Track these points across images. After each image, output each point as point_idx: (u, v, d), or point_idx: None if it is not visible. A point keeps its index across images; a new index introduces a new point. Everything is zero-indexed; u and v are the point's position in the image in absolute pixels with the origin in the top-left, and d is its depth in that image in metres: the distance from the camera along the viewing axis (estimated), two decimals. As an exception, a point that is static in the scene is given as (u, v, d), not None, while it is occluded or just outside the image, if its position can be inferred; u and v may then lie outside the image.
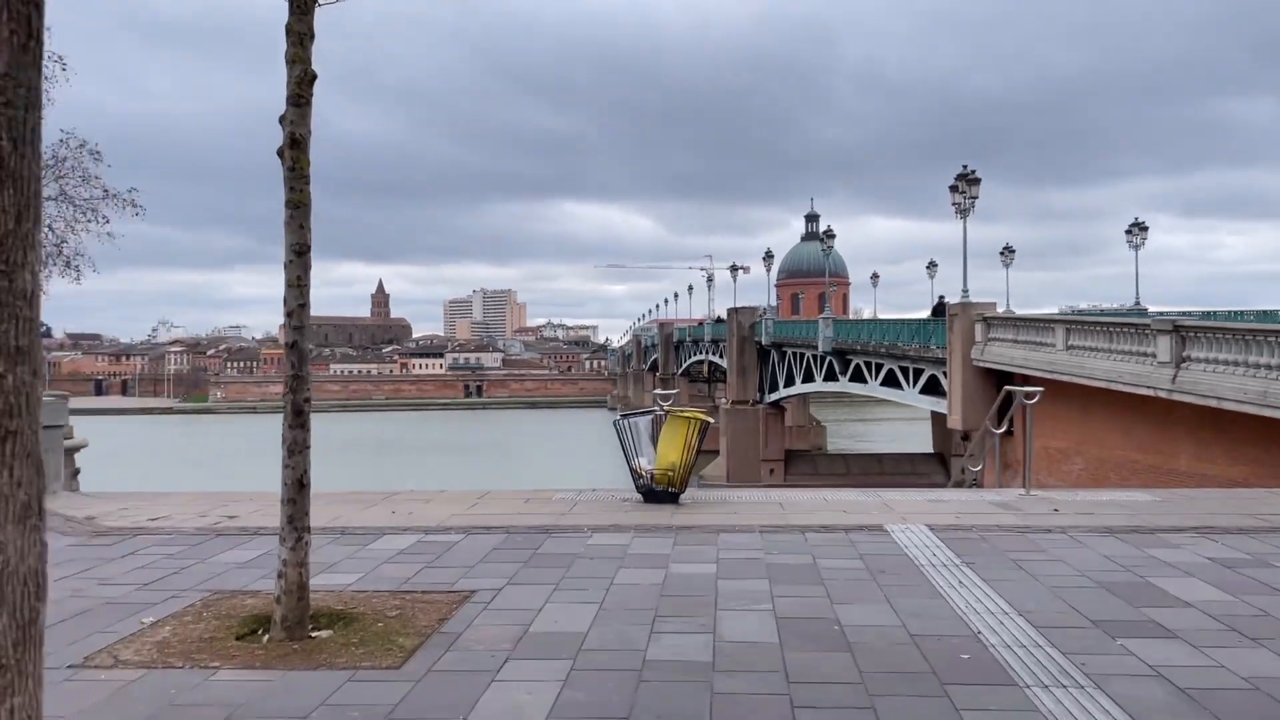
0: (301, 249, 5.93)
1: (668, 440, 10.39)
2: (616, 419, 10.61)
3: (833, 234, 50.38)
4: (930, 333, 36.22)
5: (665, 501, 10.29)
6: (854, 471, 64.04)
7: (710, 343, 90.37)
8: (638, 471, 10.46)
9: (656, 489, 10.36)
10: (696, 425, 10.32)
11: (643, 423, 10.54)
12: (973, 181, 31.87)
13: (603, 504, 10.37)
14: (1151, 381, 21.68)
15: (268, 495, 11.19)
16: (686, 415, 10.37)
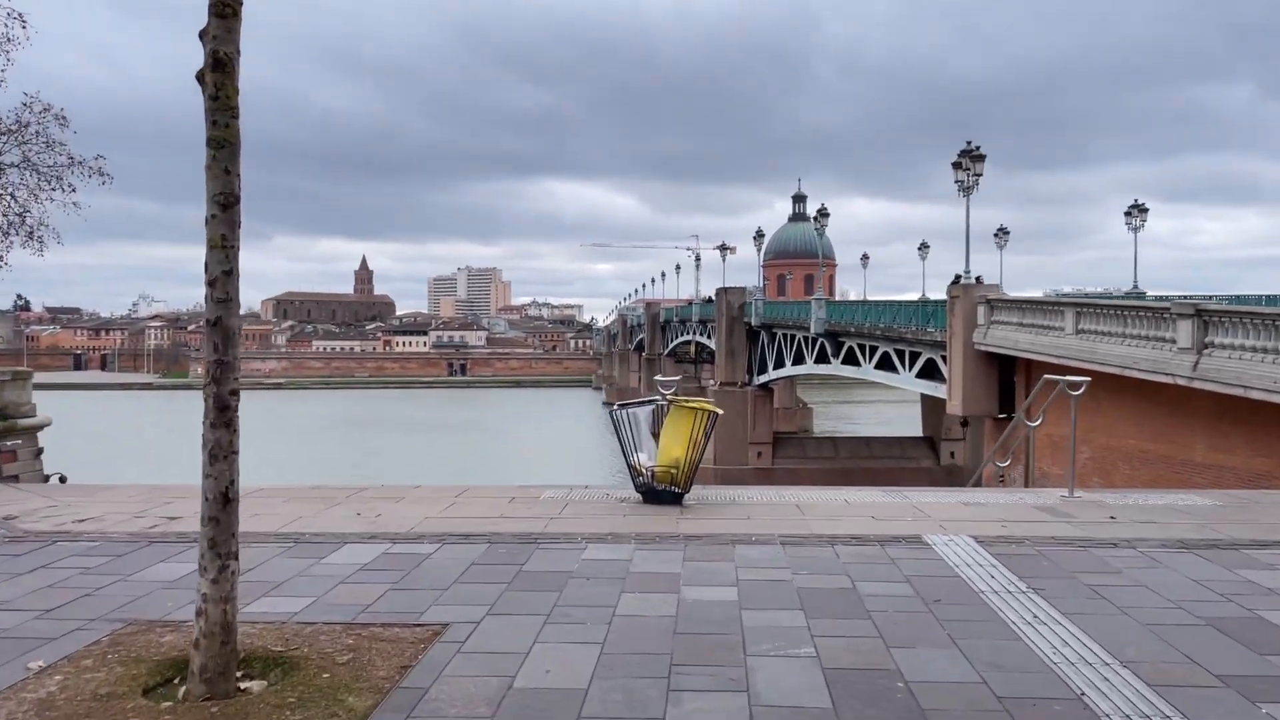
0: (228, 200, 4.67)
1: (671, 434, 9.19)
2: (614, 409, 9.39)
3: (826, 213, 49.20)
4: (929, 315, 35.14)
5: (668, 502, 9.10)
6: (842, 455, 63.15)
7: (698, 323, 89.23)
8: (637, 469, 9.26)
9: (658, 488, 9.17)
10: (704, 418, 9.12)
11: (643, 414, 9.33)
12: (977, 158, 30.68)
13: (597, 505, 9.17)
14: (1170, 368, 20.62)
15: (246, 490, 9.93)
16: (693, 406, 9.17)
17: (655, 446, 9.31)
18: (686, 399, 9.32)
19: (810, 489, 10.37)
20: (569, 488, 10.09)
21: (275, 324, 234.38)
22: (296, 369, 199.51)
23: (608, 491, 9.90)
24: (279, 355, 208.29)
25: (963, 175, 31.12)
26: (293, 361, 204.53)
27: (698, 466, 9.21)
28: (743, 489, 10.13)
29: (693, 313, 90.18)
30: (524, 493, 9.79)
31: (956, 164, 31.29)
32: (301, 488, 10.32)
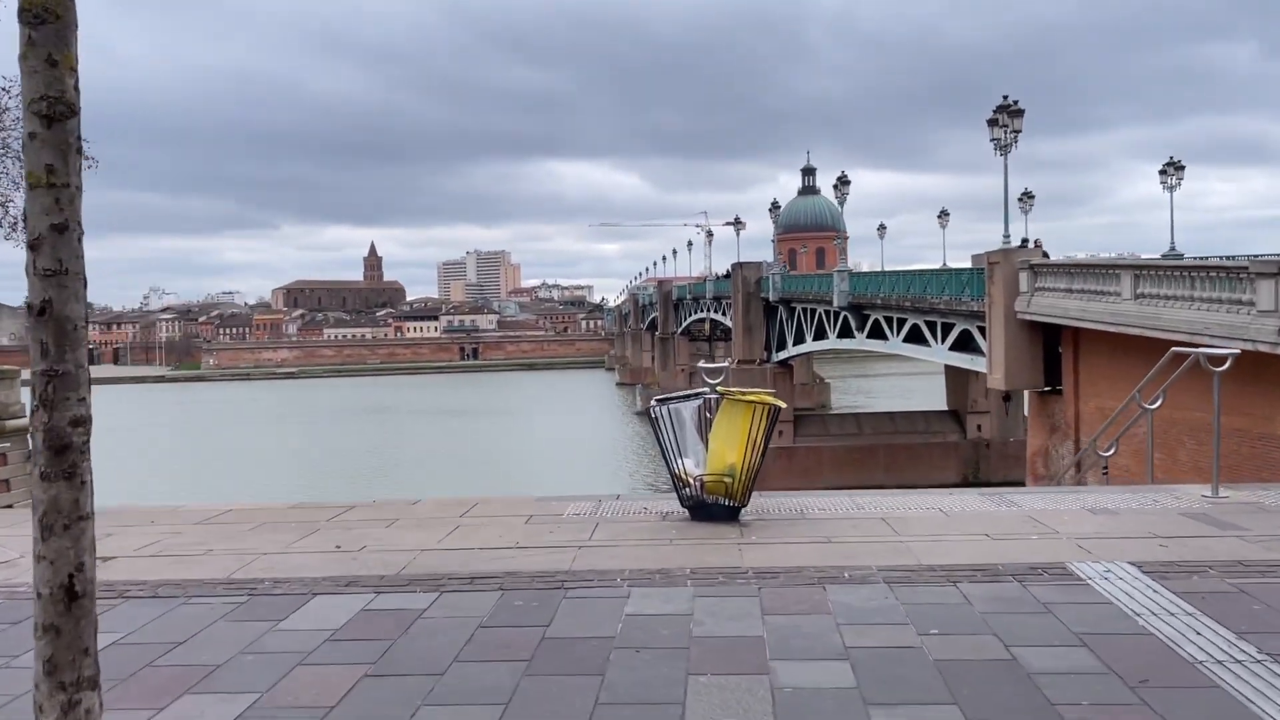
0: (55, 109, 2.88)
1: (724, 434, 7.41)
2: (652, 405, 7.59)
3: (847, 180, 47.07)
4: (964, 283, 33.15)
5: (721, 519, 7.33)
6: (866, 431, 61.43)
7: (712, 300, 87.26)
8: (682, 478, 7.48)
9: (708, 501, 7.40)
10: (764, 413, 7.32)
11: (687, 410, 7.52)
12: (1015, 113, 28.58)
13: (634, 525, 7.41)
14: (1250, 334, 18.67)
15: (193, 512, 8.22)
16: (749, 399, 7.37)
17: (704, 450, 7.52)
18: (741, 390, 7.51)
19: (890, 495, 8.55)
20: (597, 500, 8.33)
21: (286, 313, 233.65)
22: (308, 357, 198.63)
23: (645, 505, 8.13)
24: (290, 344, 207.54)
25: (999, 133, 29.04)
26: (304, 350, 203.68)
27: (757, 473, 7.42)
28: (809, 496, 8.33)
29: (707, 290, 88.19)
30: (543, 508, 8.04)
31: (993, 120, 29.21)
32: (277, 508, 8.59)
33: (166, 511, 8.43)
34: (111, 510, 8.93)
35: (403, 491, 55.98)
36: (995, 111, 28.86)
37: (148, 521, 7.95)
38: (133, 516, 8.20)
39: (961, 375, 59.17)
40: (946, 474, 59.43)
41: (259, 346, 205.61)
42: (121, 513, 8.47)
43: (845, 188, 47.02)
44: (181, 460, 72.30)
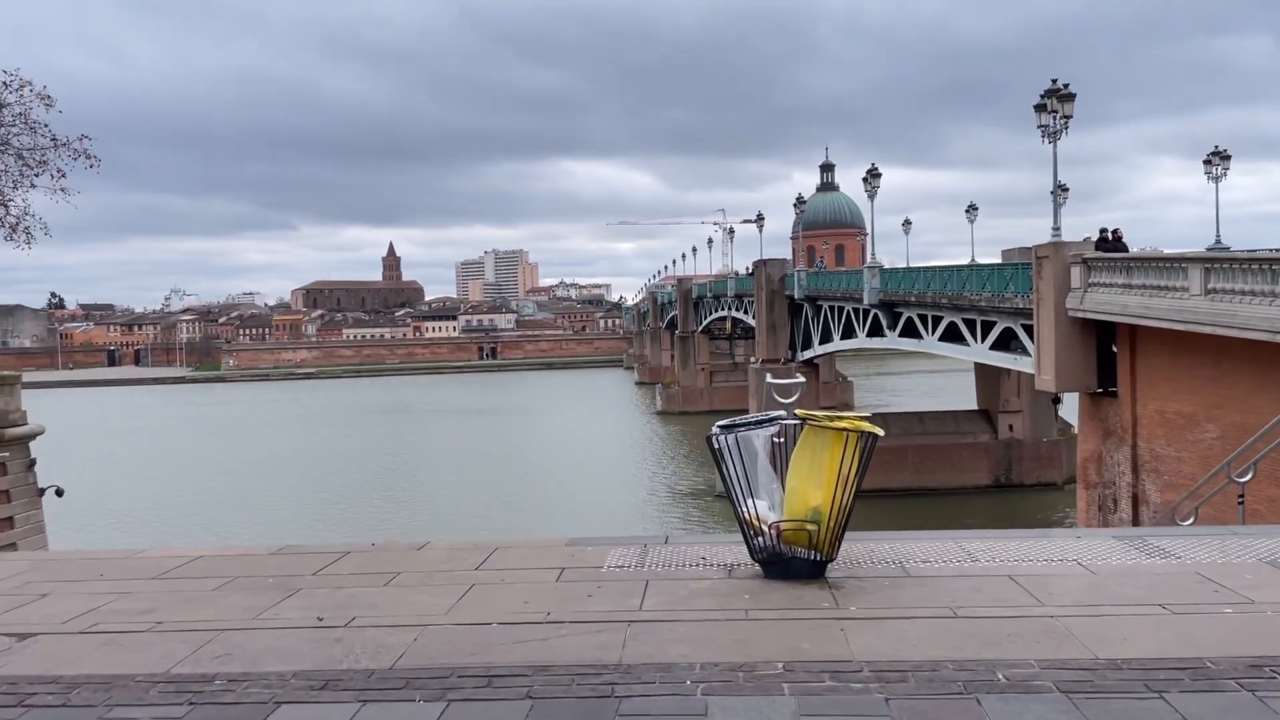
0: None
1: (805, 470, 5.88)
2: (715, 433, 6.04)
3: (878, 173, 45.27)
4: (1007, 279, 31.41)
5: (803, 576, 5.80)
6: (894, 432, 59.39)
7: (733, 298, 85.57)
8: (753, 524, 5.94)
9: (786, 554, 5.87)
10: (856, 444, 5.78)
11: (759, 439, 5.97)
12: (1065, 98, 26.79)
13: (693, 581, 5.88)
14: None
15: (153, 562, 6.78)
16: (839, 425, 5.82)
17: (780, 490, 5.99)
18: (828, 415, 5.96)
19: (1002, 538, 6.95)
20: (642, 545, 6.80)
21: (306, 313, 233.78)
22: (327, 357, 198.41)
23: (702, 553, 6.59)
24: (309, 345, 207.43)
25: (1048, 118, 27.26)
26: (323, 350, 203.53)
27: (849, 518, 5.89)
28: (903, 540, 6.78)
29: (728, 287, 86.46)
30: (577, 556, 6.53)
31: (1040, 106, 27.42)
32: (257, 554, 7.12)
33: (121, 560, 6.99)
34: (60, 558, 7.52)
35: (418, 498, 54.82)
36: (1043, 96, 27.06)
37: (96, 575, 6.50)
38: (80, 568, 6.76)
39: (992, 373, 57.27)
40: (977, 475, 57.58)
41: (278, 347, 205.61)
42: (70, 561, 7.03)
43: (875, 181, 45.25)
44: (194, 464, 71.40)
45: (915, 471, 57.33)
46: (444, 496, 55.17)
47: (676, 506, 51.71)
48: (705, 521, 48.02)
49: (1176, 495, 24.53)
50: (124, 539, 44.11)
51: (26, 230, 27.13)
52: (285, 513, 50.74)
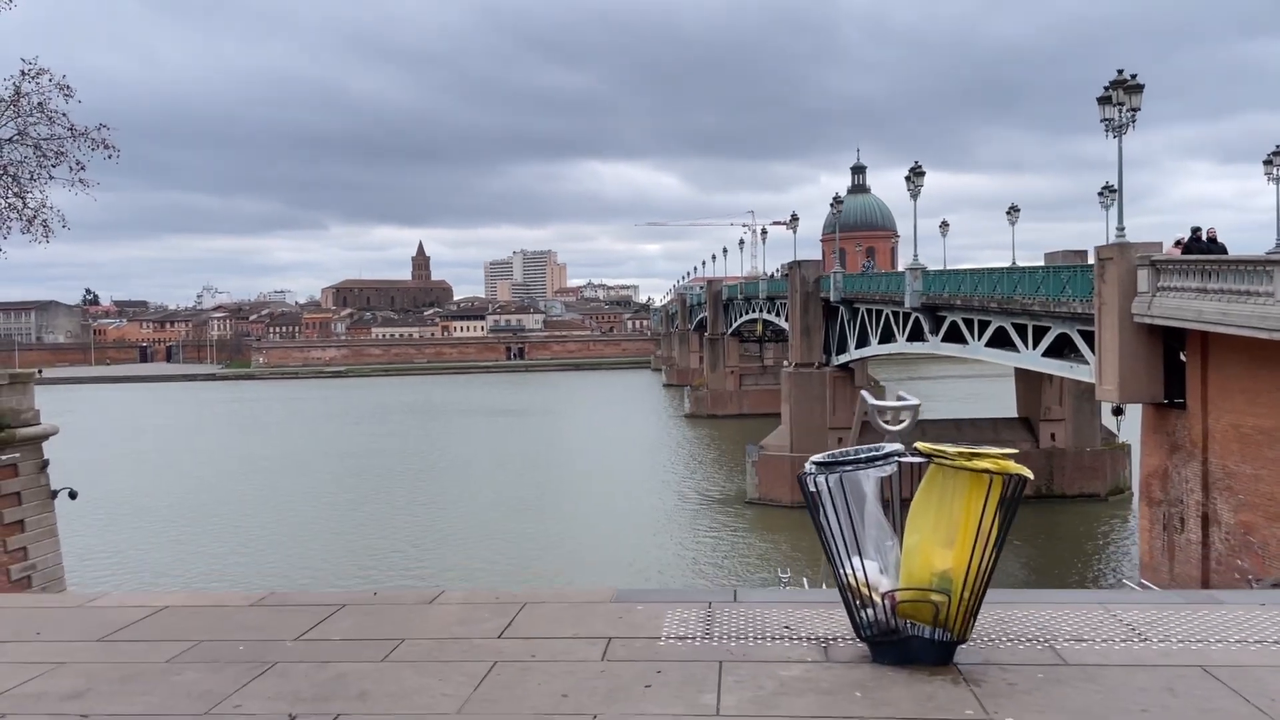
0: None
1: (931, 521, 4.50)
2: (808, 471, 4.64)
3: (921, 171, 43.52)
4: (1064, 282, 29.71)
5: (926, 662, 4.42)
6: (930, 439, 57.31)
7: (765, 300, 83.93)
8: (858, 591, 4.56)
9: (902, 630, 4.48)
10: (999, 489, 4.39)
11: (869, 481, 4.58)
12: (1133, 89, 25.09)
13: (780, 664, 4.52)
14: None
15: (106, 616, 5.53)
16: (979, 465, 4.43)
17: (895, 546, 4.61)
18: (964, 451, 4.55)
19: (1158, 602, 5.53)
20: (706, 605, 5.44)
21: (335, 312, 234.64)
22: (356, 356, 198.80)
23: (785, 621, 5.20)
24: (339, 343, 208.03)
25: (1113, 111, 25.56)
26: (352, 349, 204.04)
27: (988, 584, 4.50)
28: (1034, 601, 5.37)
29: (760, 289, 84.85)
30: (625, 621, 5.19)
31: (1104, 98, 25.74)
32: (234, 604, 5.84)
33: (67, 613, 5.74)
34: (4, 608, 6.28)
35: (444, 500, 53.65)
36: (1108, 87, 25.36)
37: (32, 633, 5.25)
38: (15, 623, 5.51)
39: (1034, 380, 55.28)
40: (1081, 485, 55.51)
41: (308, 345, 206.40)
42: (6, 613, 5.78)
43: (918, 180, 43.54)
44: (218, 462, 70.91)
45: (952, 480, 55.57)
46: (471, 499, 54.10)
47: (708, 514, 50.29)
48: (739, 529, 46.59)
49: (1253, 516, 22.83)
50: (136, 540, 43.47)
51: (44, 223, 26.25)
52: (307, 515, 49.89)
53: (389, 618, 5.40)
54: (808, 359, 58.80)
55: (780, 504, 52.40)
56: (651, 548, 42.03)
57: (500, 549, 41.83)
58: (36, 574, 23.69)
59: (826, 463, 4.61)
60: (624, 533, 45.03)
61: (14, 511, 23.42)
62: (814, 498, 4.62)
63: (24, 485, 24.36)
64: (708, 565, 39.49)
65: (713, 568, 39.06)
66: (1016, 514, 4.47)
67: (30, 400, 25.51)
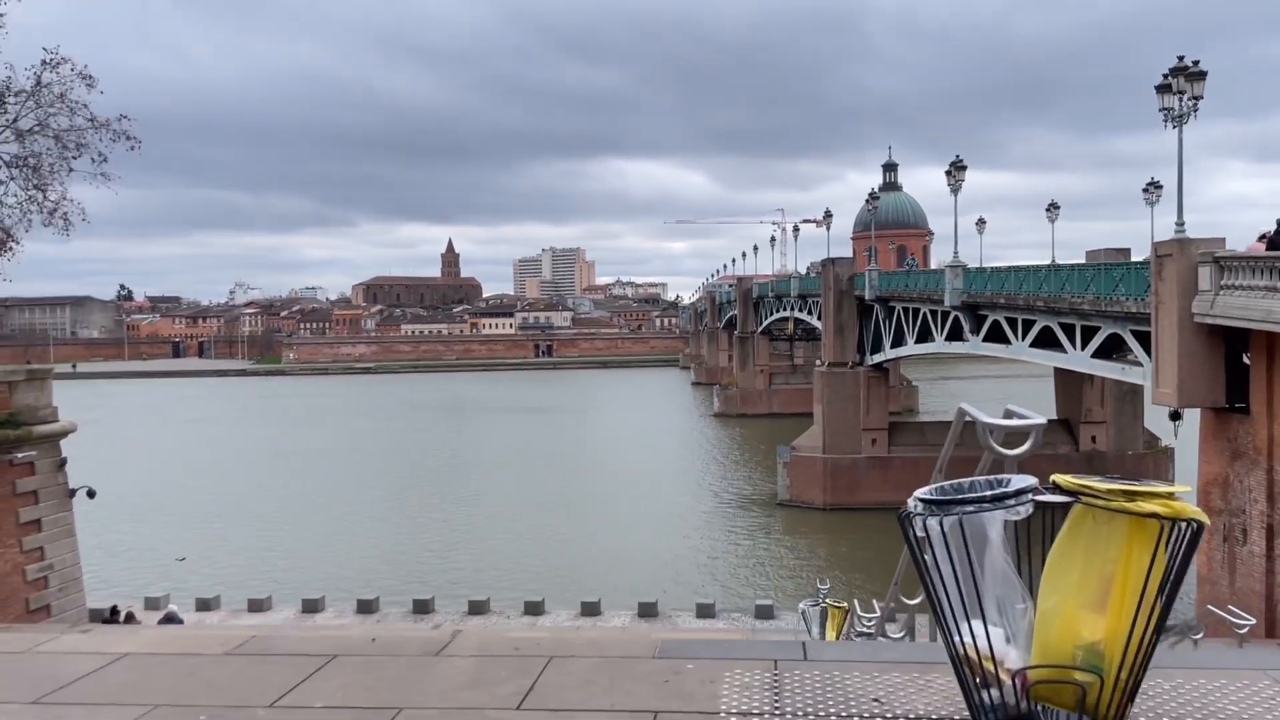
0: None
1: (1076, 578, 3.47)
2: (913, 509, 3.62)
3: (963, 165, 42.09)
4: (1116, 280, 28.32)
5: (1066, 757, 3.39)
6: (967, 441, 55.65)
7: (797, 298, 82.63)
8: (975, 664, 3.53)
9: (1035, 718, 3.45)
10: (1166, 538, 3.34)
11: (994, 526, 3.55)
12: (1194, 76, 23.70)
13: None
14: None
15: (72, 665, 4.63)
16: (1144, 507, 3.38)
17: (1026, 609, 3.58)
18: (1127, 488, 3.50)
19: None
20: (771, 664, 4.46)
21: (365, 308, 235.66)
22: (385, 353, 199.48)
23: (874, 691, 4.20)
24: (368, 340, 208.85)
25: (1173, 100, 24.19)
26: (382, 346, 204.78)
27: (1149, 660, 3.46)
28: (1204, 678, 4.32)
29: (791, 287, 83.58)
30: (674, 685, 4.22)
31: (1164, 86, 24.36)
32: (207, 654, 4.93)
33: (7, 661, 4.85)
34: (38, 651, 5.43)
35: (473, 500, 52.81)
36: (1168, 75, 23.99)
37: None
38: None
39: (1074, 381, 53.66)
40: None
41: (338, 341, 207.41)
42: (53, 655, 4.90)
43: (959, 175, 42.14)
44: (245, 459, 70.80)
45: (989, 484, 54.12)
46: (499, 498, 53.37)
47: (739, 516, 49.22)
48: (771, 532, 45.49)
49: (1325, 529, 21.46)
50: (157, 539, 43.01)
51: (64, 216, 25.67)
52: (333, 514, 49.37)
53: (386, 675, 4.45)
54: (841, 358, 57.55)
55: (813, 506, 51.22)
56: (682, 551, 41.05)
57: (527, 550, 41.04)
58: (53, 574, 23.13)
59: (938, 500, 3.59)
60: (653, 534, 44.09)
61: (31, 510, 22.85)
62: (916, 545, 3.61)
63: (41, 484, 23.79)
64: (740, 572, 38.43)
65: (746, 575, 37.98)
66: (1187, 570, 3.44)
67: (48, 397, 24.95)
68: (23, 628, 15.52)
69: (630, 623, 28.54)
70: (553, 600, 30.15)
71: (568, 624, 28.54)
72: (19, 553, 22.11)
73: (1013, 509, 3.53)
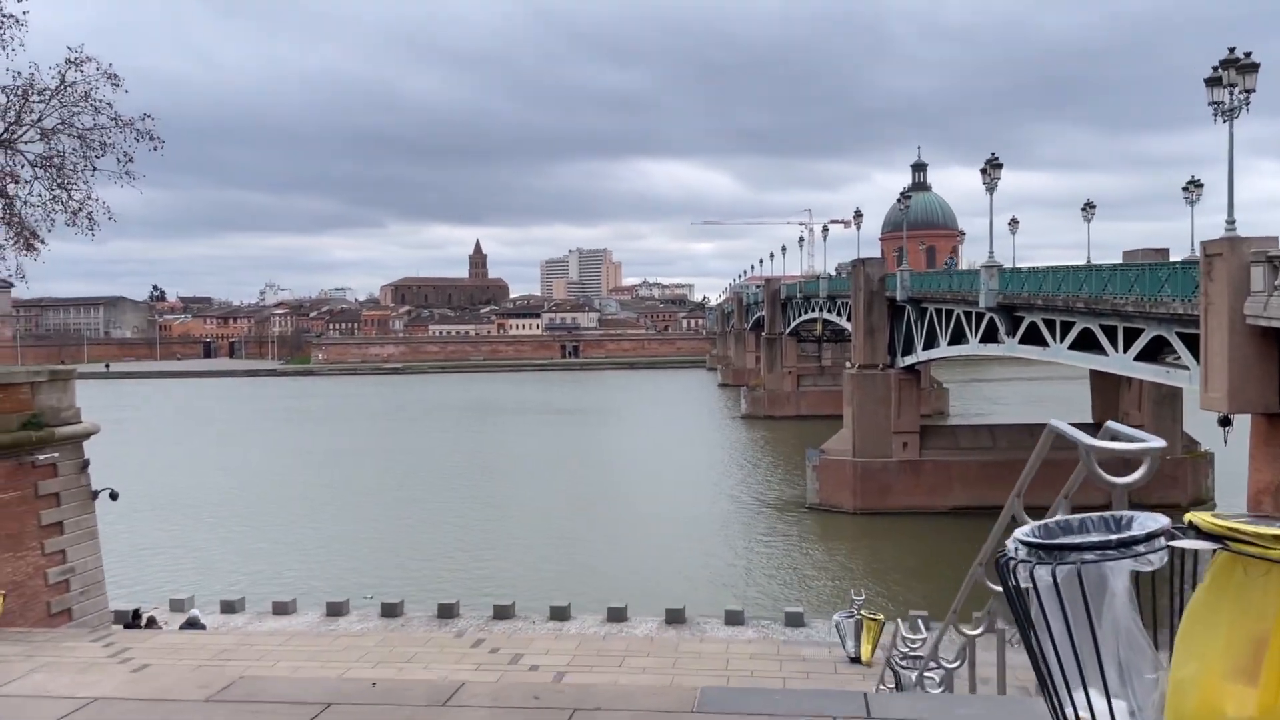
0: None
1: (1221, 642, 2.81)
2: (1014, 552, 2.99)
3: (999, 163, 41.06)
4: (1162, 280, 27.35)
5: None
6: (1001, 445, 55.31)
7: (826, 299, 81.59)
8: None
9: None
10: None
11: (1119, 577, 2.90)
12: (1247, 68, 22.74)
13: None
14: None
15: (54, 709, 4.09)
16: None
17: (1156, 675, 2.93)
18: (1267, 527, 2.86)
19: None
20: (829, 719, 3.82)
21: (393, 309, 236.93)
22: (413, 353, 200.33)
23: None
24: (396, 340, 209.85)
25: (1222, 94, 23.23)
26: (410, 346, 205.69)
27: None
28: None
29: (820, 288, 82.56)
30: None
31: (1214, 79, 23.40)
32: (182, 697, 4.39)
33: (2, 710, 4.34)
34: None
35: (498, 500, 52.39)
36: (1218, 67, 23.04)
37: None
38: None
39: (1110, 383, 52.38)
40: (1091, 495, 52.18)
41: (366, 342, 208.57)
42: None
43: (995, 172, 41.12)
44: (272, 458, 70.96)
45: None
46: (525, 500, 52.97)
47: (767, 519, 48.44)
48: (800, 537, 44.68)
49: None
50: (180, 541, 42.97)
51: (89, 216, 25.44)
52: (359, 516, 49.19)
53: (387, 730, 3.87)
54: (871, 360, 56.61)
55: (842, 510, 50.33)
56: (709, 554, 40.38)
57: (553, 553, 40.56)
58: (75, 577, 22.90)
59: (1047, 544, 2.95)
60: (680, 537, 43.46)
61: (52, 513, 22.62)
62: (1017, 597, 2.98)
63: (63, 486, 23.56)
64: (769, 577, 37.69)
65: (775, 581, 37.24)
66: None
67: (71, 398, 24.74)
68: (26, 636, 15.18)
69: (657, 629, 27.95)
70: (578, 605, 29.58)
71: (593, 630, 27.98)
72: (40, 556, 21.89)
73: (1141, 556, 2.89)
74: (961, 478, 52.21)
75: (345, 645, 14.01)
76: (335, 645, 14.08)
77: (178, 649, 18.21)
